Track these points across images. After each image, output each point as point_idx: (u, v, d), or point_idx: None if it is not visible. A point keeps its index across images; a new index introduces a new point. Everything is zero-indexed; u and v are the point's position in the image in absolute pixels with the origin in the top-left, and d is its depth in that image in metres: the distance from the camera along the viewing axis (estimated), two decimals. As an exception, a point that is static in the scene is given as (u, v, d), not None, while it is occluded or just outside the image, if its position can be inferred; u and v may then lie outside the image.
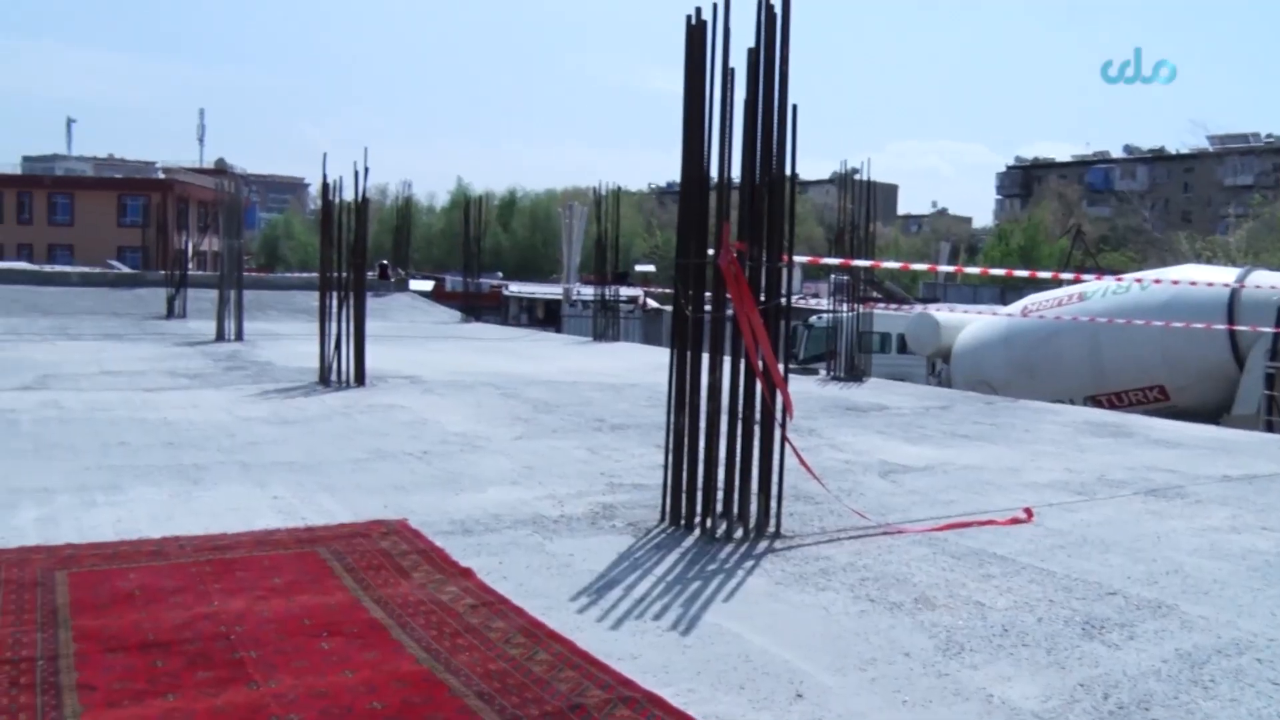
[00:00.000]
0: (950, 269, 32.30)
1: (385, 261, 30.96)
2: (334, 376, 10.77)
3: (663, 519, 5.26)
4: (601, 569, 4.44)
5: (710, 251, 5.18)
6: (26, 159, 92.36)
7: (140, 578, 4.09)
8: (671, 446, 5.21)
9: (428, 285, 38.60)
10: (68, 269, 33.58)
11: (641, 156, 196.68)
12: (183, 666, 3.22)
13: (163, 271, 24.96)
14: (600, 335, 19.58)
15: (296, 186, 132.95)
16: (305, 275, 31.79)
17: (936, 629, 3.78)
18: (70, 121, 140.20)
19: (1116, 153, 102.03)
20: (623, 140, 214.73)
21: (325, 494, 5.69)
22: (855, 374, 13.26)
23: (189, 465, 6.35)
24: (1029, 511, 5.60)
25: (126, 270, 35.47)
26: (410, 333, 19.57)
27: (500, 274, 55.17)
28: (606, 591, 4.14)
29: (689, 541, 4.94)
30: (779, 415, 5.09)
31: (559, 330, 28.07)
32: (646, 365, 14.11)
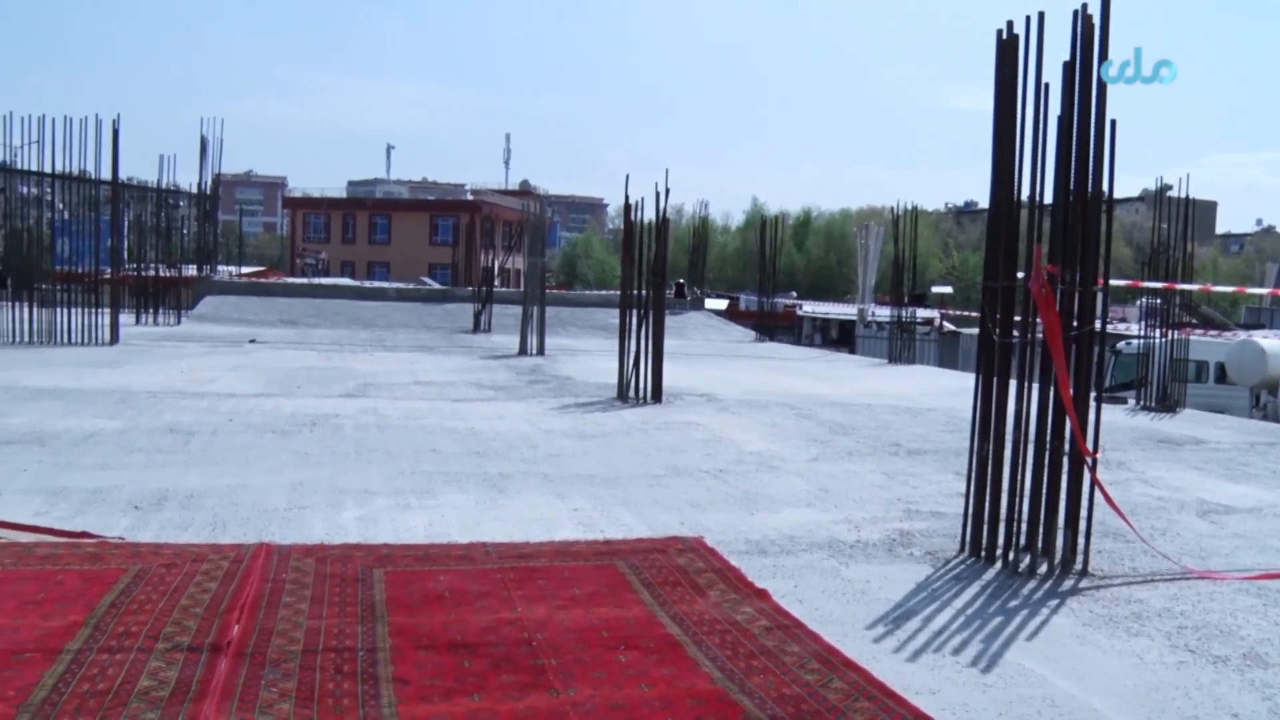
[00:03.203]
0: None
1: (681, 280, 31.49)
2: (632, 393, 11.01)
3: (962, 549, 5.10)
4: (898, 598, 4.34)
5: (1019, 274, 4.99)
6: (351, 183, 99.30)
7: (449, 580, 4.28)
8: (974, 475, 5.04)
9: (722, 304, 39.01)
10: (385, 285, 35.85)
11: (938, 175, 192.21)
12: (488, 668, 3.34)
13: (470, 288, 26.30)
14: (896, 357, 19.27)
15: (595, 206, 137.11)
16: (602, 293, 32.75)
17: (1270, 690, 3.46)
18: (389, 148, 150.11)
19: None
20: (919, 159, 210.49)
21: (623, 508, 5.81)
22: (1168, 404, 12.50)
23: (494, 474, 6.62)
24: (1374, 562, 5.09)
25: (437, 286, 37.55)
26: (705, 351, 19.81)
27: (794, 293, 55.12)
28: (903, 622, 4.03)
29: (990, 574, 4.77)
30: (1090, 447, 4.85)
31: (853, 351, 27.85)
32: (943, 389, 13.78)
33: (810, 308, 44.44)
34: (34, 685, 3.03)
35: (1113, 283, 5.85)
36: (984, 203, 5.18)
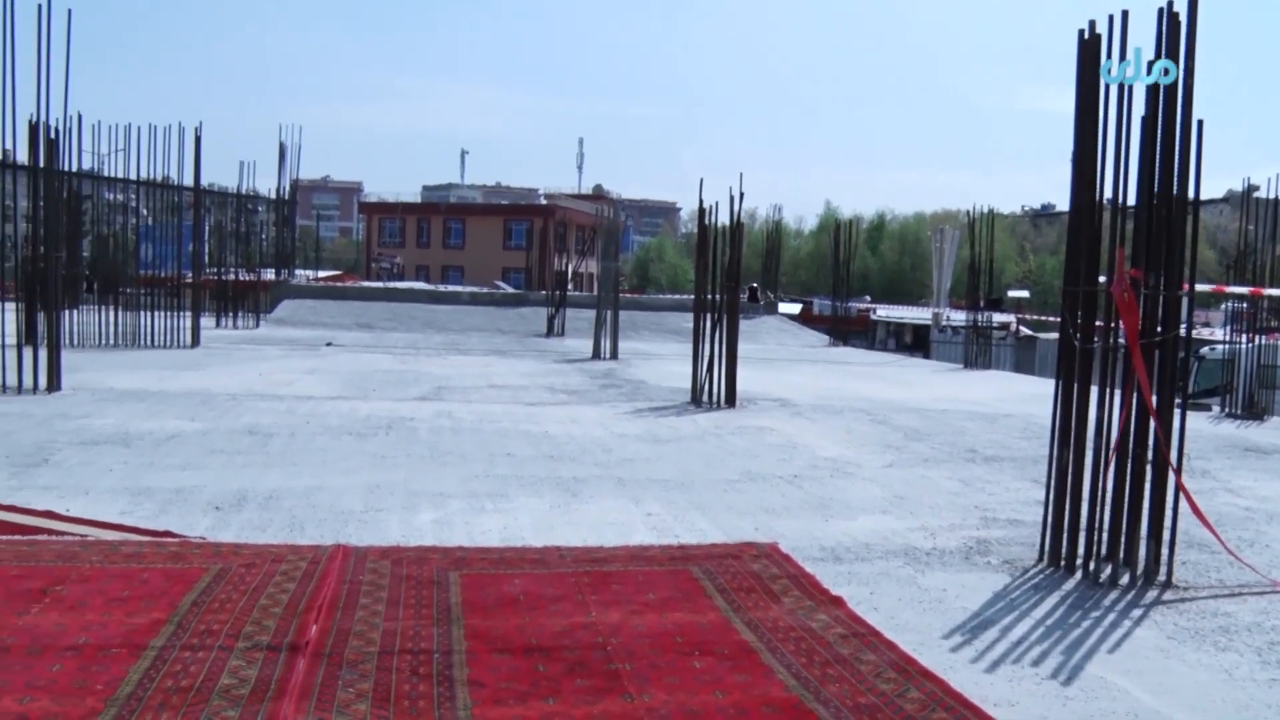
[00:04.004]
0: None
1: (755, 284, 31.39)
2: (705, 397, 10.99)
3: (1041, 558, 5.02)
4: (976, 607, 4.28)
5: (1101, 278, 4.91)
6: (425, 188, 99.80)
7: (524, 584, 4.30)
8: (1054, 482, 4.96)
9: (796, 308, 38.80)
10: (459, 289, 36.12)
11: (1014, 178, 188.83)
12: (562, 673, 3.34)
13: (543, 292, 26.42)
14: (971, 362, 19.04)
15: (668, 210, 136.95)
16: (675, 297, 32.75)
17: (1365, 706, 3.36)
18: (463, 153, 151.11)
19: None
20: (994, 161, 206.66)
21: (697, 513, 5.79)
22: (1255, 411, 12.21)
23: (568, 478, 6.63)
24: None
25: (511, 290, 37.74)
26: (779, 355, 19.72)
27: (868, 298, 54.67)
28: (981, 631, 3.98)
29: (1069, 584, 4.69)
30: (1173, 456, 4.75)
31: (927, 356, 27.55)
32: (1020, 395, 13.60)
33: (884, 312, 44.04)
34: (120, 680, 3.10)
35: (1197, 287, 5.73)
36: (1062, 205, 5.12)
